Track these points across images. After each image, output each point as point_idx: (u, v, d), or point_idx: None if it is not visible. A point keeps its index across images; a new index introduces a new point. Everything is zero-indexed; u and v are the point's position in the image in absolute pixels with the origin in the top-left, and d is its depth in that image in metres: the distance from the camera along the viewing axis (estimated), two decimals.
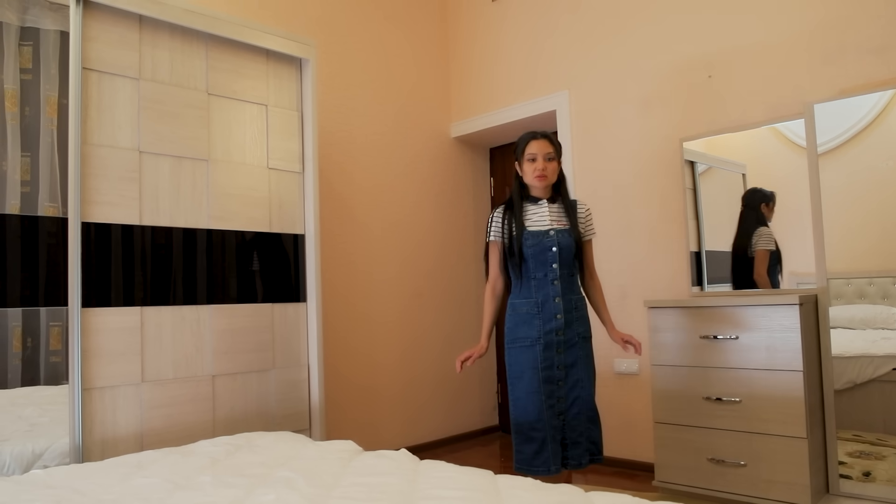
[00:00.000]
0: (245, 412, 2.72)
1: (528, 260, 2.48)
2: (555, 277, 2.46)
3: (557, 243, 2.47)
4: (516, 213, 2.53)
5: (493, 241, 2.59)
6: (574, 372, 2.47)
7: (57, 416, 2.32)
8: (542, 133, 2.54)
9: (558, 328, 2.45)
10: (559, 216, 2.54)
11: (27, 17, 2.48)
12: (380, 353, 4.08)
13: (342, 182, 3.94)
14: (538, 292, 2.47)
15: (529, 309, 2.47)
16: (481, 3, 4.55)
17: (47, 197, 2.48)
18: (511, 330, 2.52)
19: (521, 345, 2.47)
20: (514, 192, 2.59)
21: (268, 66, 2.91)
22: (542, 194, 2.56)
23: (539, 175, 2.49)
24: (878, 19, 2.82)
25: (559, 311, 2.45)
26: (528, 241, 2.47)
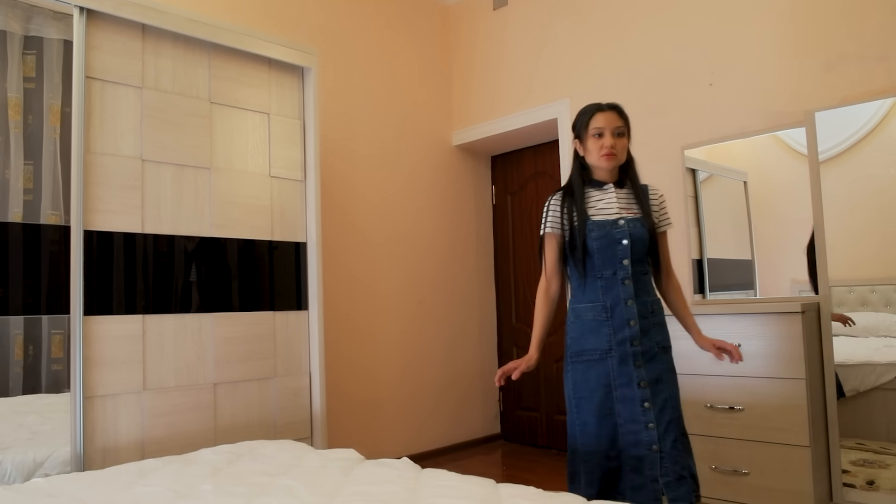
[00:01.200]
0: (247, 420, 2.71)
1: (592, 255, 2.09)
2: (626, 276, 2.07)
3: (629, 235, 2.07)
4: (577, 199, 2.14)
5: (549, 233, 2.19)
6: (661, 390, 2.04)
7: (58, 425, 2.31)
8: (608, 104, 2.16)
9: (633, 337, 2.04)
10: (629, 203, 2.15)
11: (31, 27, 2.49)
12: (381, 360, 4.07)
13: (344, 190, 3.94)
14: (606, 294, 2.08)
15: (597, 314, 2.09)
16: (483, 12, 4.57)
17: (50, 205, 2.49)
18: (575, 341, 2.13)
19: (589, 358, 2.08)
20: (574, 174, 2.20)
21: (270, 74, 2.92)
22: (608, 177, 2.17)
23: (607, 154, 2.09)
24: (879, 28, 2.82)
25: (633, 317, 2.05)
26: (594, 233, 2.08)
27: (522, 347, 4.66)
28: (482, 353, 4.76)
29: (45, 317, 2.47)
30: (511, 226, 4.80)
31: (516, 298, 4.74)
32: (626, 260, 2.07)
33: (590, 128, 2.13)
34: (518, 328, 4.71)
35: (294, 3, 3.77)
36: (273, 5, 3.66)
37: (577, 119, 2.20)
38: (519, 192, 4.75)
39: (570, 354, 2.14)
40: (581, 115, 2.19)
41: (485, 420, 4.73)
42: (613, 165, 2.13)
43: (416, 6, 4.55)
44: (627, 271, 2.07)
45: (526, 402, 4.62)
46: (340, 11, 4.03)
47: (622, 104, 3.75)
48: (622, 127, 2.13)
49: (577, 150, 2.22)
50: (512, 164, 4.82)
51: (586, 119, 2.15)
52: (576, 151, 2.22)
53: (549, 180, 4.52)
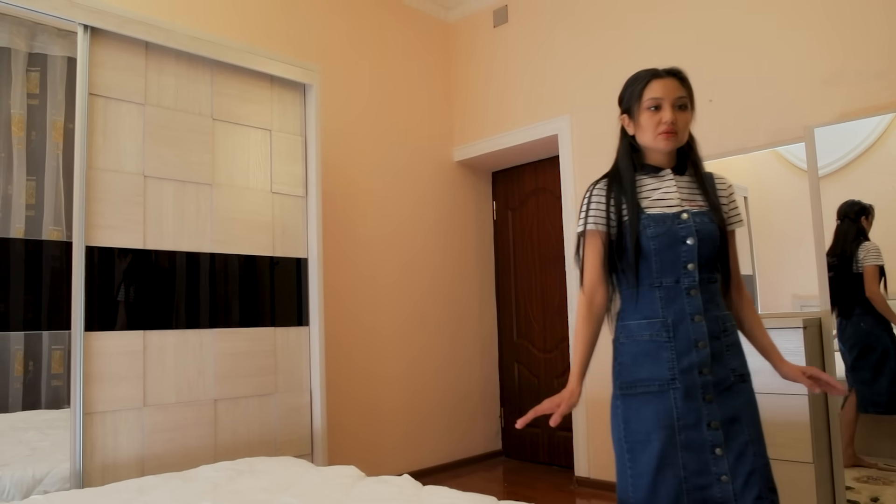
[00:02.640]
0: (247, 437, 2.70)
1: (649, 258, 1.66)
2: (692, 284, 1.65)
3: (695, 232, 1.66)
4: (627, 188, 1.72)
5: (591, 230, 1.75)
6: (738, 432, 1.61)
7: (58, 441, 2.30)
8: (667, 69, 1.76)
9: (702, 363, 1.62)
10: (692, 193, 1.74)
11: (35, 44, 2.51)
12: (383, 377, 4.06)
13: (345, 206, 3.95)
14: (667, 308, 1.65)
15: (655, 334, 1.66)
16: (483, 29, 4.60)
17: (52, 221, 2.49)
18: (626, 368, 1.70)
19: (645, 391, 1.65)
20: (622, 157, 1.79)
21: (272, 91, 2.94)
22: (665, 161, 1.76)
23: (666, 131, 1.68)
24: (876, 44, 2.84)
25: (702, 337, 1.63)
26: (650, 230, 1.66)
27: (524, 364, 4.64)
28: (483, 369, 4.75)
29: (46, 332, 2.47)
30: (512, 241, 4.80)
31: (517, 314, 4.73)
32: (691, 264, 1.65)
33: (643, 99, 1.72)
34: (519, 344, 4.70)
35: (296, 20, 3.80)
36: (275, 23, 3.69)
37: (627, 89, 1.80)
38: (520, 208, 4.76)
39: (619, 385, 1.71)
40: (631, 83, 1.78)
41: (486, 436, 4.71)
42: (674, 146, 1.72)
43: (417, 23, 4.58)
44: (694, 278, 1.65)
45: None
46: (342, 29, 4.07)
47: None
48: (685, 98, 1.74)
49: (624, 127, 1.81)
50: (513, 179, 4.83)
51: (639, 88, 1.74)
52: (623, 130, 1.82)
53: (550, 196, 4.53)
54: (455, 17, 4.78)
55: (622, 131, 1.84)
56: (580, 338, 1.74)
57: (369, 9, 4.25)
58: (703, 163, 1.81)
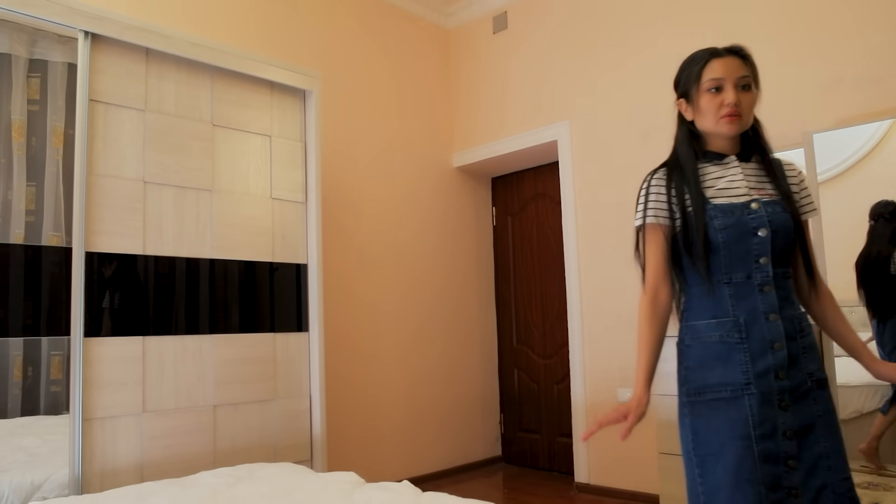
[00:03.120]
0: (246, 443, 2.69)
1: (717, 251, 1.55)
2: (765, 280, 1.53)
3: (768, 222, 1.54)
4: (689, 176, 1.61)
5: (652, 223, 1.64)
6: (812, 442, 1.49)
7: (57, 447, 2.30)
8: (727, 47, 1.64)
9: (779, 366, 1.50)
10: (760, 181, 1.62)
11: (35, 50, 2.52)
12: (382, 382, 4.05)
13: (345, 212, 3.95)
14: (738, 306, 1.54)
15: (726, 334, 1.54)
16: (483, 36, 4.61)
17: (51, 226, 2.50)
18: (693, 373, 1.58)
19: (716, 397, 1.52)
20: (682, 144, 1.68)
21: (272, 97, 2.95)
22: (728, 147, 1.64)
23: (729, 114, 1.56)
24: (875, 51, 2.85)
25: (778, 338, 1.51)
26: (718, 221, 1.55)
27: (524, 369, 4.64)
28: (483, 374, 4.74)
29: (45, 338, 2.47)
30: (511, 247, 4.80)
31: (517, 320, 4.73)
32: (764, 258, 1.53)
33: (703, 80, 1.60)
34: (519, 349, 4.69)
35: (296, 26, 3.82)
36: (275, 29, 3.70)
37: (683, 70, 1.69)
38: (519, 214, 4.76)
39: (686, 392, 1.59)
40: (688, 64, 1.67)
41: (486, 442, 4.70)
42: (738, 130, 1.59)
43: (417, 30, 4.60)
44: (767, 273, 1.53)
45: (527, 424, 4.59)
46: (342, 35, 4.08)
47: (622, 126, 3.81)
48: (748, 77, 1.60)
49: (681, 112, 1.70)
50: (512, 185, 4.84)
51: (697, 68, 1.63)
52: (680, 116, 1.71)
53: (550, 202, 4.53)
54: (455, 23, 4.80)
55: (679, 117, 1.71)
56: (645, 340, 1.62)
57: (369, 15, 4.26)
58: (770, 147, 1.67)
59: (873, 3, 2.87)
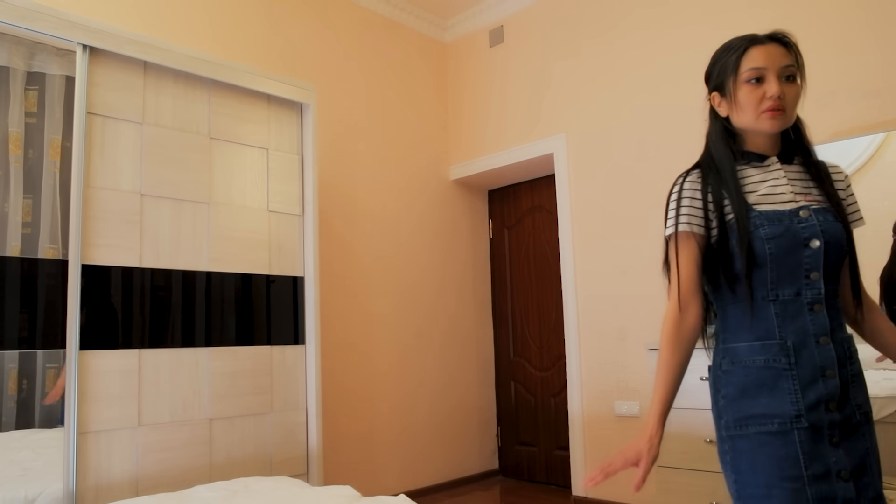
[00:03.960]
0: (242, 456, 2.68)
1: (763, 265, 1.36)
2: (816, 298, 1.36)
3: (821, 232, 1.36)
4: (728, 179, 1.43)
5: (684, 231, 1.45)
6: (866, 485, 1.33)
7: (51, 460, 2.28)
8: (768, 34, 1.43)
9: (830, 397, 1.32)
10: (805, 186, 1.44)
11: (34, 63, 2.53)
12: (379, 395, 4.04)
13: (342, 224, 3.96)
14: (785, 327, 1.36)
15: (772, 359, 1.35)
16: (479, 49, 4.64)
17: (48, 239, 2.49)
18: (734, 403, 1.39)
19: (761, 430, 1.33)
20: (716, 144, 1.49)
21: (269, 110, 2.96)
22: (769, 147, 1.46)
23: (773, 108, 1.38)
24: (867, 66, 2.88)
25: (830, 364, 1.33)
26: (764, 230, 1.36)
27: (521, 382, 4.63)
28: (480, 387, 4.73)
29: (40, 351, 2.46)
30: (508, 259, 4.81)
31: (514, 332, 4.72)
32: (815, 272, 1.35)
33: (741, 70, 1.41)
34: (516, 362, 4.69)
35: (293, 40, 3.83)
36: (272, 43, 3.72)
37: (718, 60, 1.49)
38: (516, 226, 4.77)
39: (725, 425, 1.40)
40: (723, 52, 1.48)
41: (482, 455, 4.68)
42: (781, 126, 1.41)
43: (413, 43, 4.62)
44: (819, 291, 1.35)
45: (524, 437, 4.58)
46: (339, 48, 4.10)
47: (618, 139, 3.83)
48: (793, 67, 1.40)
49: (715, 108, 1.52)
50: (509, 198, 4.85)
51: (735, 57, 1.43)
52: (713, 112, 1.53)
53: (546, 214, 4.54)
54: (451, 36, 4.82)
55: (712, 113, 1.53)
56: (665, 365, 1.42)
57: (366, 29, 4.29)
58: (814, 148, 1.50)
59: (864, 19, 2.90)
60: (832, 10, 2.99)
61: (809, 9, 3.05)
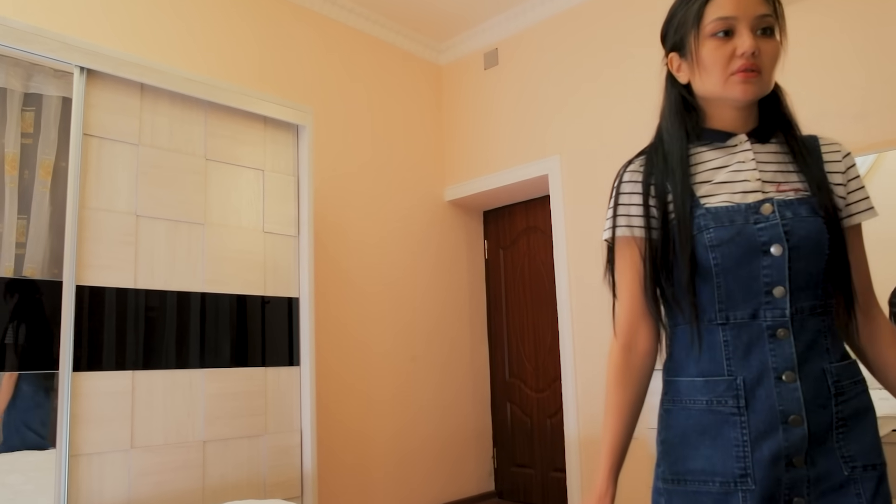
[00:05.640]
0: (236, 479, 2.65)
1: (709, 278, 1.09)
2: (778, 322, 1.06)
3: (783, 234, 1.06)
4: (674, 165, 1.15)
5: (623, 237, 1.19)
6: None
7: (42, 484, 2.25)
8: None
9: (794, 450, 1.03)
10: (781, 171, 1.14)
11: (31, 84, 2.53)
12: (373, 415, 4.01)
13: (337, 245, 3.96)
14: (736, 359, 1.08)
15: (717, 400, 1.08)
16: (474, 71, 4.68)
17: (41, 259, 2.48)
18: (672, 450, 1.13)
19: (698, 490, 1.08)
20: (669, 119, 1.22)
21: (265, 132, 2.97)
22: (738, 122, 1.17)
23: (745, 68, 1.08)
24: (855, 88, 2.91)
25: (795, 408, 1.04)
26: (710, 233, 1.08)
27: (517, 403, 4.61)
28: (475, 408, 4.71)
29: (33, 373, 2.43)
30: (503, 280, 4.81)
31: (509, 353, 4.71)
32: (778, 288, 1.06)
33: (705, 21, 1.11)
34: (511, 383, 4.67)
35: (289, 62, 3.86)
36: (269, 64, 3.75)
37: (676, 12, 1.19)
38: (511, 247, 4.78)
39: (663, 475, 1.14)
40: (684, 1, 1.17)
41: (479, 477, 4.64)
42: (756, 93, 1.10)
43: (409, 65, 4.66)
44: (783, 311, 1.05)
45: (520, 458, 4.55)
46: (335, 71, 4.13)
47: (613, 160, 3.86)
48: (770, 17, 1.10)
49: (672, 73, 1.22)
50: (504, 219, 4.86)
51: (697, 6, 1.12)
52: (670, 79, 1.23)
53: (541, 235, 4.55)
54: (446, 59, 4.87)
55: (668, 80, 1.23)
56: (614, 409, 1.16)
57: (362, 51, 4.32)
58: (797, 122, 1.20)
59: (852, 42, 2.94)
60: (821, 33, 3.03)
61: (798, 31, 3.09)
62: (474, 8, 4.32)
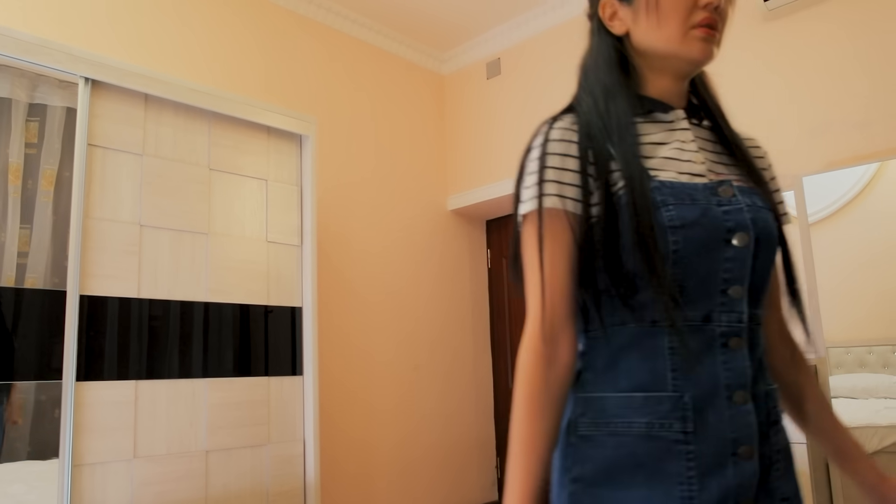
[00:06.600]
0: (238, 489, 2.64)
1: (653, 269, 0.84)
2: (734, 329, 0.87)
3: (748, 221, 0.89)
4: (619, 129, 0.92)
5: (552, 209, 0.91)
6: None
7: (44, 493, 2.25)
8: None
9: (743, 490, 0.83)
10: (717, 159, 0.98)
11: (36, 94, 2.55)
12: (376, 425, 4.00)
13: (340, 255, 3.96)
14: (683, 372, 0.85)
15: (660, 423, 0.84)
16: (477, 81, 4.70)
17: (44, 269, 2.49)
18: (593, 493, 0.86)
19: None
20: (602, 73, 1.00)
21: (268, 142, 2.98)
22: (673, 95, 0.99)
23: (709, 23, 0.91)
24: (859, 97, 2.91)
25: (747, 437, 0.85)
26: (672, 210, 0.86)
27: None
28: (479, 418, 4.69)
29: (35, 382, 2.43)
30: (506, 290, 4.80)
31: (512, 362, 4.70)
32: (736, 287, 0.87)
33: None
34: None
35: (293, 72, 3.88)
36: (272, 75, 3.76)
37: None
38: None
39: None
40: None
41: (482, 487, 4.62)
42: (712, 57, 0.94)
43: (412, 75, 4.68)
44: (741, 315, 0.87)
45: None
46: (338, 80, 4.14)
47: None
48: None
49: (602, 21, 1.00)
50: (507, 228, 4.86)
51: None
52: (600, 27, 1.01)
53: None
54: (449, 69, 4.88)
55: (598, 29, 1.01)
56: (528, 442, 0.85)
57: (365, 61, 4.34)
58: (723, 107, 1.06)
59: (856, 52, 2.94)
60: (826, 42, 3.04)
61: (802, 39, 3.10)
62: (477, 18, 4.34)
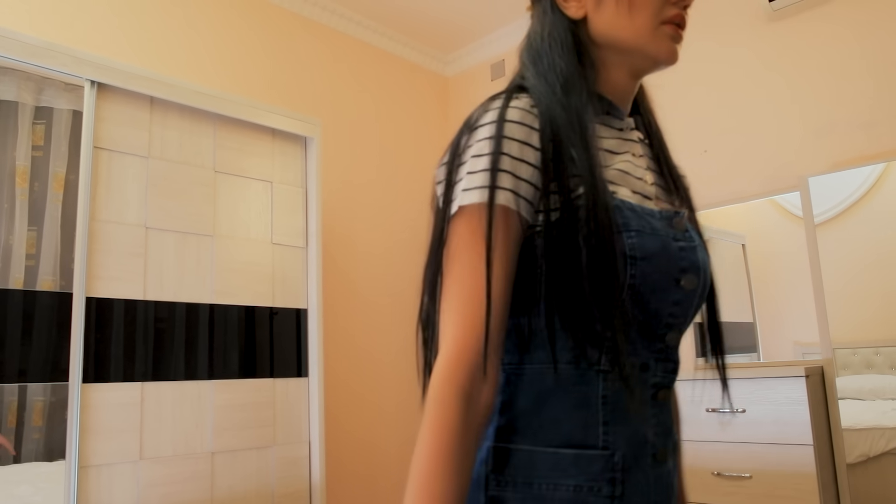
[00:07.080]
0: (244, 491, 2.65)
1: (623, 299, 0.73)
2: (665, 379, 0.79)
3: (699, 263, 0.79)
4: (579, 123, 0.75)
5: (503, 207, 0.72)
6: None
7: (51, 495, 2.26)
8: None
9: None
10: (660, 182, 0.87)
11: (42, 98, 2.56)
12: (382, 427, 4.00)
13: (345, 256, 3.96)
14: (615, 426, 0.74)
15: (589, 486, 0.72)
16: (481, 83, 4.70)
17: (51, 271, 2.50)
18: None
19: None
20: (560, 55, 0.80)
21: (274, 144, 2.99)
22: (626, 99, 0.88)
23: (681, 22, 0.82)
24: (864, 97, 2.91)
25: (668, 497, 0.77)
26: (634, 237, 0.73)
27: None
28: None
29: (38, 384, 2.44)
30: None
31: None
32: (673, 334, 0.80)
33: None
34: None
35: (298, 74, 3.89)
36: (277, 77, 3.77)
37: None
38: None
39: None
40: None
41: None
42: (676, 56, 0.85)
43: (416, 77, 4.68)
44: (675, 364, 0.81)
45: None
46: (343, 82, 4.15)
47: None
48: None
49: (557, 2, 0.85)
50: None
51: None
52: (554, 6, 0.85)
53: None
54: (453, 71, 4.89)
55: (551, 9, 0.85)
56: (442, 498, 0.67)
57: (370, 63, 4.35)
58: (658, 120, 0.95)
59: (861, 52, 2.93)
60: (831, 42, 3.03)
61: (807, 39, 3.09)
62: (481, 19, 4.34)
